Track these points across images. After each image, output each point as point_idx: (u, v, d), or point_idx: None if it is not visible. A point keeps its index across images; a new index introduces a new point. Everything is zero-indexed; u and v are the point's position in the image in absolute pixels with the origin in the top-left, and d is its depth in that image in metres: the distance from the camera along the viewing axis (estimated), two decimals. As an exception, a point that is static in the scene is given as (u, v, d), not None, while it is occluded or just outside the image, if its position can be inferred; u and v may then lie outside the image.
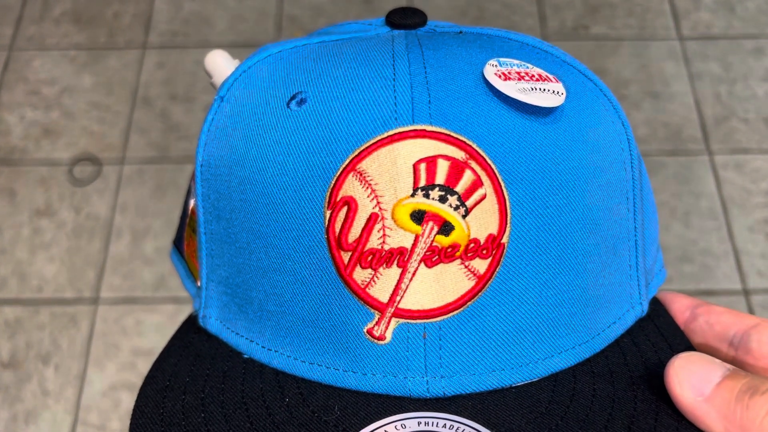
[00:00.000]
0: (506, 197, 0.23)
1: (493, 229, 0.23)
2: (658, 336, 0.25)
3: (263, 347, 0.25)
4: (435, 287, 0.22)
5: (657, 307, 0.27)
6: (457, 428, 0.21)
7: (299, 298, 0.24)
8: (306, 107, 0.24)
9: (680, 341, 0.25)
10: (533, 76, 0.24)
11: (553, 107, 0.24)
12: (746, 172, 1.14)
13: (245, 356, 0.26)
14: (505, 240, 0.23)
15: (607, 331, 0.25)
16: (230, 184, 0.25)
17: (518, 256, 0.23)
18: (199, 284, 0.28)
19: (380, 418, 0.22)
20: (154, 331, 1.02)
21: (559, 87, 0.24)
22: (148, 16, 1.32)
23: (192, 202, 0.29)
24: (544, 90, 0.24)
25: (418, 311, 0.22)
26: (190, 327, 0.28)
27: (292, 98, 0.25)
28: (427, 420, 0.21)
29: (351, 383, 0.23)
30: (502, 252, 0.23)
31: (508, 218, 0.23)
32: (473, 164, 0.23)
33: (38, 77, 1.26)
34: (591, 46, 1.27)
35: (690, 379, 0.21)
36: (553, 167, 0.24)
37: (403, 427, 0.21)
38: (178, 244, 0.33)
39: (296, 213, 0.23)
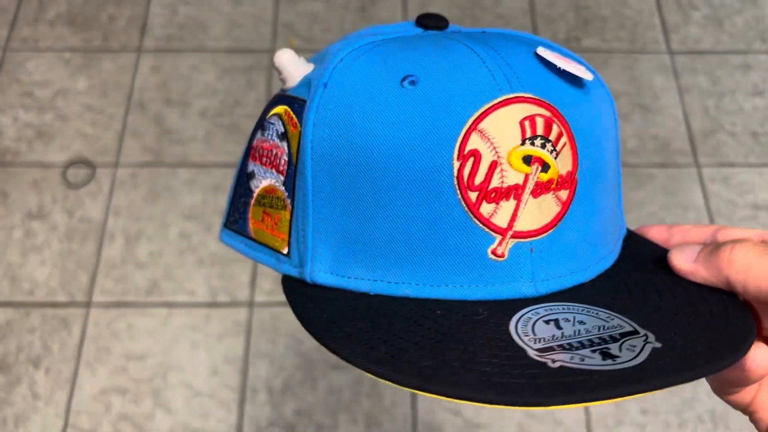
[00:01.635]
0: (576, 144, 0.31)
1: (570, 167, 0.31)
2: (641, 243, 0.36)
3: (389, 282, 0.31)
4: (538, 213, 0.30)
5: (633, 233, 0.37)
6: (566, 308, 0.29)
7: (429, 235, 0.30)
8: (420, 86, 0.30)
9: (649, 243, 0.36)
10: (567, 59, 0.33)
11: (586, 81, 0.33)
12: (733, 185, 1.16)
13: (371, 293, 0.31)
14: (576, 175, 0.31)
15: (618, 241, 0.35)
16: (354, 152, 0.30)
17: (582, 187, 0.31)
18: (285, 251, 0.33)
19: (517, 312, 0.29)
20: (146, 336, 1.02)
21: (582, 68, 0.33)
22: (144, 19, 1.32)
23: (265, 183, 0.34)
24: (578, 68, 0.32)
25: (527, 232, 0.30)
26: (295, 286, 0.33)
27: (404, 80, 0.30)
28: (547, 307, 0.29)
29: (479, 294, 0.30)
30: (576, 184, 0.31)
31: (578, 159, 0.31)
32: (556, 120, 0.31)
33: (32, 79, 1.25)
34: (582, 58, 1.29)
35: (683, 255, 0.32)
36: (592, 125, 0.32)
37: (537, 313, 0.29)
38: (236, 227, 0.37)
39: (427, 166, 0.29)
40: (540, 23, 1.33)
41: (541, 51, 0.33)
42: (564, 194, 0.31)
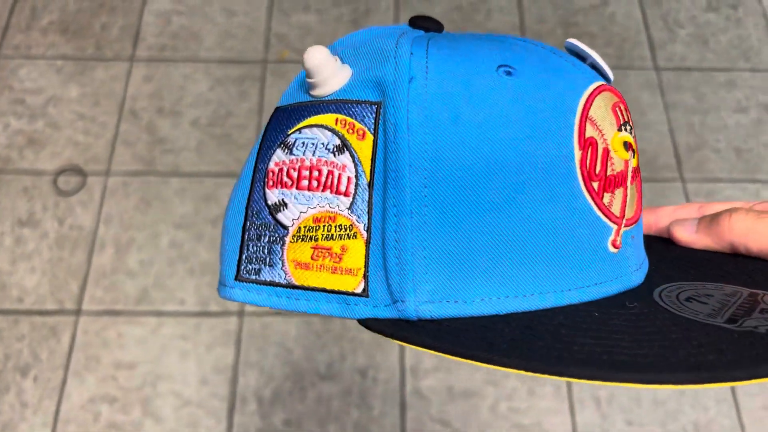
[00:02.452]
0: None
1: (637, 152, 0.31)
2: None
3: (519, 296, 0.27)
4: (633, 198, 0.30)
5: None
6: (679, 286, 0.29)
7: (559, 234, 0.27)
8: (519, 75, 0.28)
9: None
10: (594, 53, 0.32)
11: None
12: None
13: (502, 314, 0.27)
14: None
15: None
16: (464, 151, 0.27)
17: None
18: (360, 289, 0.27)
19: (651, 300, 0.28)
20: (135, 344, 1.02)
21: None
22: (137, 29, 1.33)
23: (313, 212, 0.28)
24: (605, 64, 0.32)
25: (630, 219, 0.30)
26: (401, 327, 0.27)
27: (498, 69, 0.28)
28: (668, 289, 0.29)
29: (607, 291, 0.28)
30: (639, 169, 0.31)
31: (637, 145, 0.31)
32: (626, 107, 0.31)
33: (24, 86, 1.25)
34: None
35: (685, 228, 0.35)
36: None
37: (670, 295, 0.28)
38: (259, 277, 0.29)
39: (552, 159, 0.27)
40: (528, 37, 1.35)
41: (575, 42, 0.31)
42: (638, 179, 0.31)
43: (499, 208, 0.27)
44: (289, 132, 0.29)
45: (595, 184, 0.28)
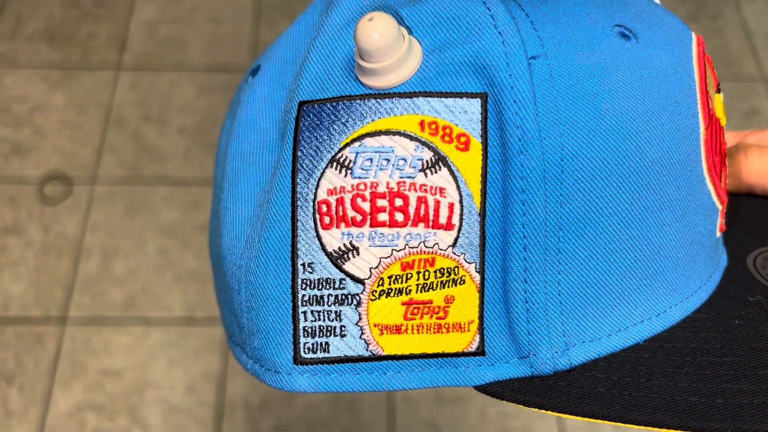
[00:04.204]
0: None
1: None
2: None
3: (654, 316, 0.22)
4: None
5: None
6: (755, 259, 0.26)
7: (684, 236, 0.22)
8: (638, 39, 0.22)
9: None
10: None
11: None
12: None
13: (641, 342, 0.22)
14: None
15: None
16: (605, 149, 0.21)
17: None
18: (474, 347, 0.21)
19: (760, 279, 0.25)
20: (122, 352, 1.02)
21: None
22: (123, 37, 1.33)
23: (401, 255, 0.21)
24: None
25: (728, 195, 0.26)
26: (535, 390, 0.21)
27: (614, 30, 0.22)
28: (753, 262, 0.26)
29: (715, 281, 0.24)
30: None
31: None
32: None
33: (9, 94, 1.25)
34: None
35: None
36: None
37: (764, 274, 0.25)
38: (328, 355, 0.22)
39: (686, 144, 0.22)
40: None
41: None
42: None
43: (641, 217, 0.21)
44: (342, 143, 0.21)
45: (717, 163, 0.23)
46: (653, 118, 0.21)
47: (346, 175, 0.20)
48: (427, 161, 0.20)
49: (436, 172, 0.20)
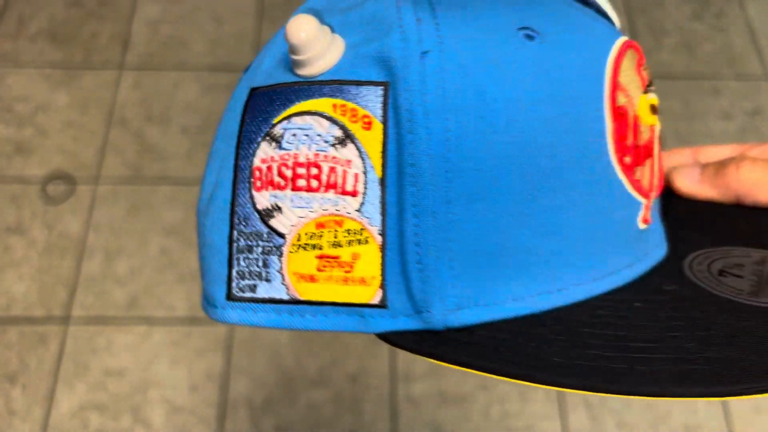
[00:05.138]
0: None
1: None
2: None
3: (550, 292, 0.24)
4: (659, 166, 0.28)
5: None
6: (707, 253, 0.27)
7: (593, 218, 0.25)
8: (542, 39, 0.24)
9: None
10: None
11: None
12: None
13: (537, 313, 0.24)
14: None
15: None
16: (493, 136, 0.23)
17: None
18: (377, 299, 0.24)
19: (685, 273, 0.26)
20: (125, 352, 1.02)
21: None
22: (126, 37, 1.33)
23: (315, 215, 0.24)
24: (612, 12, 0.29)
25: (657, 188, 0.28)
26: (428, 342, 0.24)
27: (518, 32, 0.24)
28: (697, 259, 0.27)
29: (640, 270, 0.26)
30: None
31: None
32: (644, 63, 0.28)
33: (12, 94, 1.25)
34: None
35: (687, 176, 0.32)
36: None
37: (702, 268, 0.26)
38: (256, 294, 0.25)
39: (584, 135, 0.24)
40: None
41: None
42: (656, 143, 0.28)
43: (533, 197, 0.23)
44: (275, 121, 0.25)
45: (627, 159, 0.25)
46: (544, 108, 0.23)
47: (275, 147, 0.25)
48: (337, 137, 0.24)
49: (344, 146, 0.24)
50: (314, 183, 0.24)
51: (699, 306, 0.24)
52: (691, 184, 0.32)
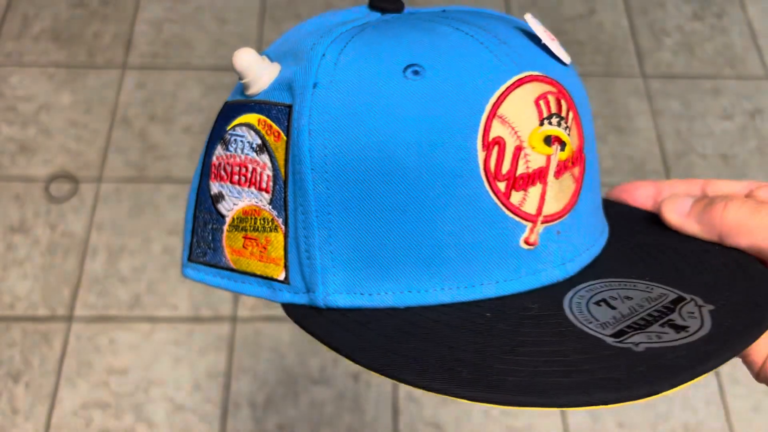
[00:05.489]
0: (579, 118, 0.31)
1: (578, 142, 0.31)
2: (617, 207, 0.36)
3: (419, 291, 0.29)
4: (561, 193, 0.30)
5: (606, 200, 0.37)
6: (604, 285, 0.29)
7: (460, 234, 0.28)
8: (427, 75, 0.28)
9: (625, 205, 0.37)
10: (549, 34, 0.32)
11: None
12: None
13: (401, 307, 0.28)
14: (584, 149, 0.31)
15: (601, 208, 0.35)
16: (366, 155, 0.28)
17: (587, 160, 0.31)
18: (282, 276, 0.30)
19: (563, 299, 0.28)
20: (128, 350, 1.02)
21: (562, 49, 0.32)
22: (129, 37, 1.34)
23: (243, 204, 0.31)
24: (559, 49, 0.32)
25: (554, 214, 0.29)
26: (306, 314, 0.29)
27: (406, 69, 0.28)
28: (587, 288, 0.29)
29: (517, 287, 0.29)
30: (584, 158, 0.31)
31: (583, 133, 0.31)
32: (563, 96, 0.30)
33: (15, 93, 1.26)
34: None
35: (675, 208, 0.33)
36: (583, 96, 0.32)
37: (582, 297, 0.28)
38: (206, 259, 0.33)
39: (451, 161, 0.28)
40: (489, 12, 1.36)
41: (530, 20, 0.31)
42: (577, 170, 0.30)
43: (401, 209, 0.28)
44: (228, 128, 0.31)
45: (502, 184, 0.28)
46: (411, 135, 0.27)
47: (224, 149, 0.31)
48: (258, 145, 0.30)
49: (262, 153, 0.30)
50: (243, 179, 0.30)
51: (541, 321, 0.27)
52: (677, 218, 0.33)
